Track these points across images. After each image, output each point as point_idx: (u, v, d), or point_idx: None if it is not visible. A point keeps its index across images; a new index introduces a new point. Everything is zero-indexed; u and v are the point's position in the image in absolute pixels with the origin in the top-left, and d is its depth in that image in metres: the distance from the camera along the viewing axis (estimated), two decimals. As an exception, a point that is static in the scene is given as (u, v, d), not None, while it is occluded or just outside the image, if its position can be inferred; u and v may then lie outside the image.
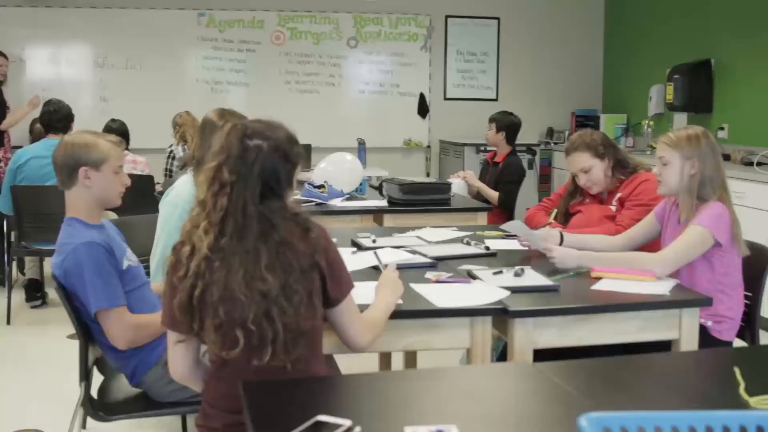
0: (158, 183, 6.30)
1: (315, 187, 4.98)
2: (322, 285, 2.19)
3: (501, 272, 2.99)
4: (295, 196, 2.33)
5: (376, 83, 9.10)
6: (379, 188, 5.37)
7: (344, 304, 2.27)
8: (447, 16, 9.19)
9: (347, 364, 2.31)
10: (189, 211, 3.39)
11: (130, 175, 3.13)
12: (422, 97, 9.17)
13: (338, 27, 8.98)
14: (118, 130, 6.61)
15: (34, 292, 6.18)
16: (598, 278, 2.99)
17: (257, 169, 2.14)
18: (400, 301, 2.58)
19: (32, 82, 8.43)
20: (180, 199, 3.47)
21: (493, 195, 5.71)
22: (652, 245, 3.40)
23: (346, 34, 9.00)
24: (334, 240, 2.31)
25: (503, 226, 3.99)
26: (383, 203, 5.03)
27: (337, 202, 4.98)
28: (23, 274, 6.59)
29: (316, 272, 2.16)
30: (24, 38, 8.47)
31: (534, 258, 3.36)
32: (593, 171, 3.85)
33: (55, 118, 5.94)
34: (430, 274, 3.02)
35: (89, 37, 8.60)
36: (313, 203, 4.82)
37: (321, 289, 2.20)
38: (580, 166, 3.86)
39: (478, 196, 5.77)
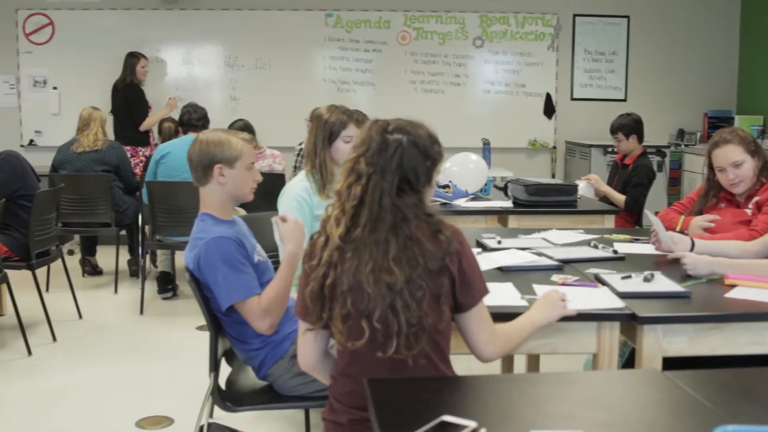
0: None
1: (440, 187, 4.99)
2: (451, 289, 2.18)
3: (630, 277, 2.93)
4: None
5: (502, 83, 9.04)
6: (504, 189, 5.33)
7: (473, 310, 2.24)
8: (575, 15, 9.04)
9: (467, 365, 2.30)
10: (303, 202, 3.49)
11: (261, 173, 3.21)
12: (548, 97, 9.06)
13: (464, 26, 8.96)
14: (243, 128, 6.82)
15: (166, 284, 6.41)
16: (732, 286, 2.89)
17: (396, 163, 2.16)
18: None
19: (169, 82, 8.76)
20: (295, 189, 3.55)
21: (620, 199, 5.58)
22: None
23: (472, 33, 8.97)
24: None
25: (649, 215, 3.85)
26: (508, 204, 4.99)
27: (462, 203, 4.97)
28: (156, 266, 6.84)
29: (445, 276, 2.15)
30: (160, 40, 8.82)
31: (664, 263, 3.27)
32: (744, 166, 3.68)
33: (195, 117, 6.21)
34: (555, 277, 2.98)
35: (221, 38, 8.86)
36: (438, 203, 4.83)
37: (450, 294, 2.18)
38: (732, 159, 3.69)
39: (604, 199, 5.66)
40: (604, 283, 2.89)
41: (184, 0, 8.76)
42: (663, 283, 2.88)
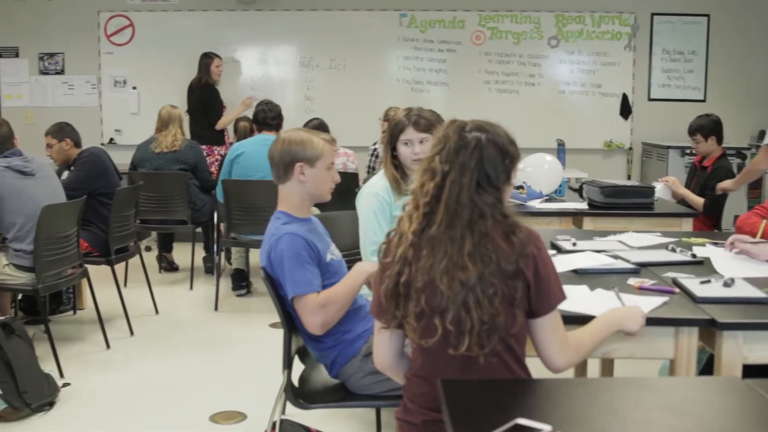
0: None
1: (514, 188, 4.95)
2: (526, 294, 2.16)
3: (709, 281, 2.86)
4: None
5: (577, 83, 8.94)
6: (579, 190, 5.27)
7: (547, 317, 2.21)
8: (653, 14, 8.88)
9: (539, 367, 2.27)
10: (383, 201, 3.49)
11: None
12: (625, 97, 8.92)
13: (539, 26, 8.88)
14: (317, 127, 6.87)
15: (240, 281, 6.50)
16: (818, 292, 2.80)
17: (475, 160, 2.15)
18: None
19: (244, 81, 8.88)
20: (375, 187, 3.55)
21: (698, 202, 5.46)
22: None
23: (548, 33, 8.89)
24: None
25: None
26: (583, 206, 4.92)
27: (536, 204, 4.93)
28: (230, 264, 6.94)
29: (520, 280, 2.13)
30: (237, 40, 8.95)
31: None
32: None
33: (270, 116, 6.26)
34: (632, 281, 2.93)
35: (296, 38, 8.95)
36: (512, 204, 4.78)
37: (526, 299, 2.16)
38: None
39: (681, 201, 5.54)
40: (682, 287, 2.83)
41: (260, 1, 8.88)
42: (744, 288, 2.81)
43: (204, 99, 8.13)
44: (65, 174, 5.67)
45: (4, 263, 4.66)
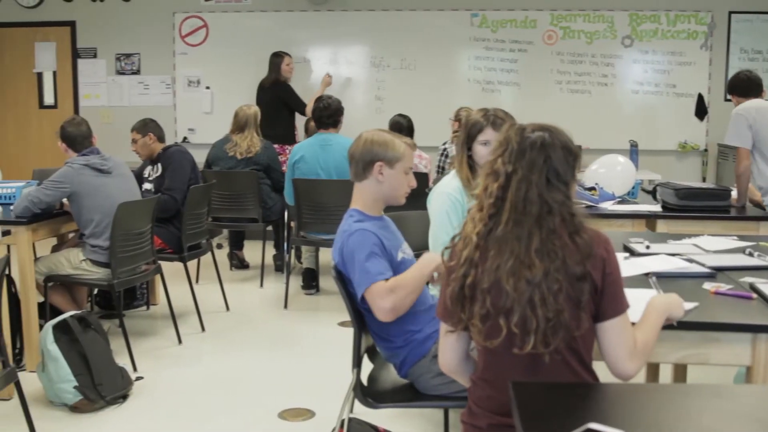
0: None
1: (586, 189, 4.89)
2: (593, 297, 2.13)
3: (788, 287, 2.78)
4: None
5: (651, 83, 8.78)
6: (653, 192, 5.18)
7: (615, 321, 2.17)
8: (730, 12, 8.68)
9: (607, 371, 2.23)
10: (456, 201, 3.48)
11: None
12: (700, 98, 8.73)
13: (612, 25, 8.75)
14: (407, 125, 6.89)
15: (311, 280, 6.55)
16: None
17: (543, 157, 2.15)
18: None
19: (315, 81, 8.94)
20: (447, 187, 3.54)
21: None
22: None
23: (621, 32, 8.76)
24: None
25: None
26: (657, 208, 4.84)
27: (608, 206, 4.86)
28: (300, 262, 6.99)
29: (587, 282, 2.11)
30: (308, 40, 9.03)
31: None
32: None
33: (325, 114, 6.26)
34: (708, 285, 2.86)
35: (367, 38, 8.98)
36: (583, 206, 4.72)
37: (591, 302, 2.13)
38: None
39: (758, 205, 5.40)
40: (759, 293, 2.75)
41: (331, 1, 8.93)
42: (825, 294, 2.73)
43: (281, 96, 8.20)
44: (148, 169, 5.79)
45: (81, 258, 4.78)
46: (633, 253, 3.38)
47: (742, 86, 5.36)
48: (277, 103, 8.16)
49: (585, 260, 2.11)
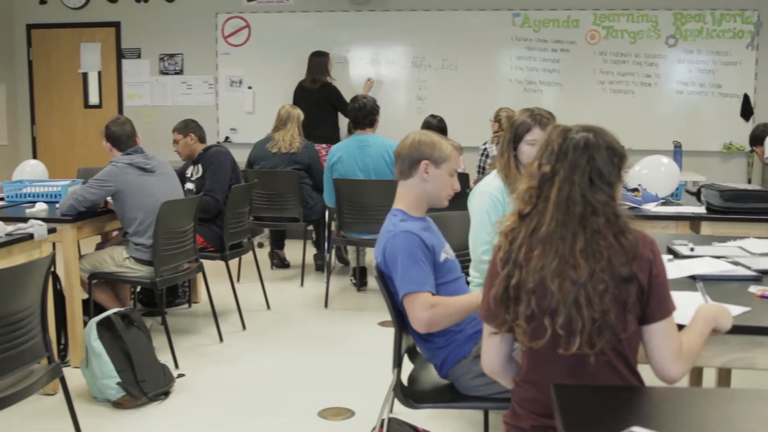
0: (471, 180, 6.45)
1: (629, 190, 4.85)
2: (640, 299, 2.11)
3: (837, 291, 2.73)
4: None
5: (696, 83, 8.68)
6: (697, 194, 5.11)
7: (662, 323, 2.15)
8: (778, 11, 8.56)
9: (651, 374, 2.21)
10: (497, 201, 3.46)
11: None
12: (746, 98, 8.61)
13: (656, 25, 8.67)
14: (438, 125, 6.88)
15: (362, 278, 6.60)
16: None
17: (586, 158, 2.14)
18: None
19: (356, 81, 8.96)
20: (489, 187, 3.53)
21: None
22: None
23: (665, 32, 8.66)
24: None
25: None
26: (701, 210, 4.77)
27: (652, 207, 4.81)
28: (340, 262, 7.02)
29: (633, 284, 2.09)
30: (349, 40, 9.06)
31: None
32: None
33: (361, 114, 6.25)
34: (753, 288, 2.82)
35: (408, 38, 8.99)
36: (627, 207, 4.67)
37: (638, 304, 2.11)
38: None
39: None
40: (807, 296, 2.71)
41: (373, 1, 8.94)
42: None
43: (331, 97, 8.28)
44: (190, 169, 5.84)
45: (124, 256, 4.83)
46: (677, 256, 3.34)
47: None
48: (324, 104, 8.20)
49: (631, 261, 2.09)
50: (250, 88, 9.29)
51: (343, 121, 8.30)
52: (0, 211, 4.85)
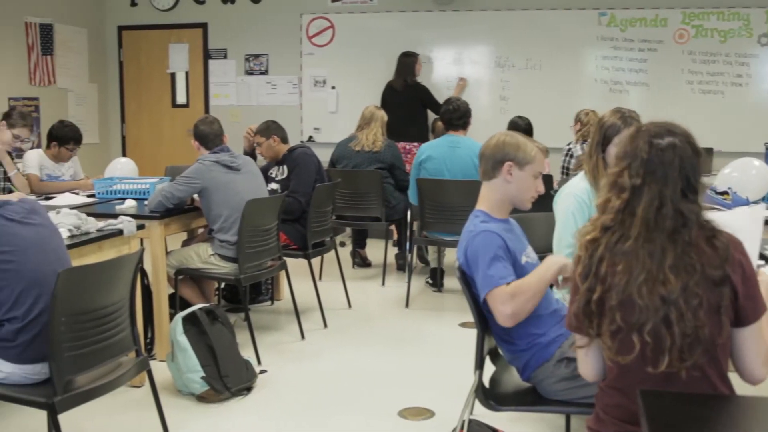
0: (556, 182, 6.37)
1: (718, 193, 4.73)
2: (732, 302, 2.06)
3: None
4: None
5: (790, 83, 8.41)
6: (790, 197, 4.95)
7: (754, 325, 2.09)
8: None
9: (738, 383, 2.15)
10: (582, 203, 3.41)
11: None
12: (843, 99, 8.31)
13: (748, 23, 8.41)
14: (524, 127, 6.82)
15: (436, 278, 6.57)
16: None
17: (677, 168, 2.08)
18: None
19: (439, 81, 8.96)
20: (575, 189, 3.48)
21: None
22: None
23: (758, 30, 8.40)
24: None
25: None
26: (794, 214, 4.63)
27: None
28: (422, 262, 7.01)
29: (726, 287, 2.04)
30: (432, 40, 9.05)
31: None
32: None
33: (455, 116, 6.24)
34: None
35: (492, 38, 8.93)
36: (717, 211, 4.57)
37: (731, 306, 2.06)
38: None
39: None
40: None
41: (456, 1, 8.92)
42: None
43: (422, 98, 8.38)
44: (274, 169, 5.90)
45: (210, 253, 4.91)
46: (769, 261, 3.25)
47: None
48: (414, 104, 8.25)
49: (724, 263, 2.04)
50: (333, 88, 9.36)
51: (430, 121, 8.34)
52: (91, 207, 4.99)
